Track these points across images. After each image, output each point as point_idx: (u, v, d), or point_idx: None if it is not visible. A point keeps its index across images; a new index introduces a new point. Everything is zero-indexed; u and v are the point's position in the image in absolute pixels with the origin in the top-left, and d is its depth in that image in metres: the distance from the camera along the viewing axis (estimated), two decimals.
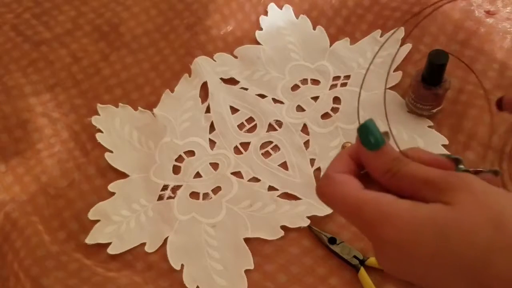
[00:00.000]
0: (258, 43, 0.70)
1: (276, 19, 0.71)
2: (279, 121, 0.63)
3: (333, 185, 0.29)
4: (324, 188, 0.30)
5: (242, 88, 0.66)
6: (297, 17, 0.72)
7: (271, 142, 0.62)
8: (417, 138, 0.59)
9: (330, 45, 0.69)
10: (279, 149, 0.61)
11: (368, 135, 0.29)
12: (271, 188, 0.58)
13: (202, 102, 0.65)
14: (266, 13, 0.72)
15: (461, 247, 0.25)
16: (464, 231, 0.25)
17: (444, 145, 0.58)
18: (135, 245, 0.56)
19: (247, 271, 0.53)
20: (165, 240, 0.56)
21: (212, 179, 0.60)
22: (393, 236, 0.27)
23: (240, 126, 0.63)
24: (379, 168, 0.29)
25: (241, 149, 0.62)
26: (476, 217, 0.25)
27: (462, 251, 0.25)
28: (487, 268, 0.25)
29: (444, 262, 0.26)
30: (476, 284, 0.25)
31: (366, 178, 0.30)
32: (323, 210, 0.56)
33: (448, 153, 0.30)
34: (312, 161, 0.60)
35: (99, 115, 0.65)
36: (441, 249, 0.26)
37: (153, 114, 0.65)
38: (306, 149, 0.61)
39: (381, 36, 0.68)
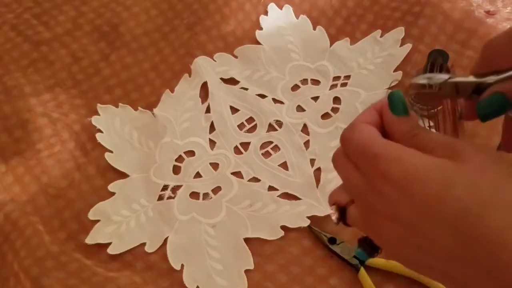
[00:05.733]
0: (258, 43, 0.70)
1: (276, 19, 0.71)
2: (279, 121, 0.63)
3: (357, 133, 0.32)
4: (348, 134, 0.32)
5: (242, 88, 0.66)
6: (297, 17, 0.71)
7: (271, 142, 0.62)
8: None
9: (330, 45, 0.69)
10: (279, 149, 0.61)
11: (399, 103, 0.32)
12: (271, 188, 0.58)
13: (202, 102, 0.65)
14: (266, 13, 0.72)
15: (461, 194, 0.27)
16: (467, 183, 0.27)
17: None
18: (135, 245, 0.56)
19: (247, 271, 0.53)
20: (165, 240, 0.56)
21: (212, 179, 0.60)
22: (397, 173, 0.28)
23: (240, 126, 0.63)
24: (401, 130, 0.32)
25: (241, 149, 0.62)
26: (480, 174, 0.28)
27: (462, 197, 0.27)
28: (481, 219, 0.26)
29: (442, 207, 0.27)
30: (464, 234, 0.27)
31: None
32: (323, 210, 0.56)
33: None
34: (312, 161, 0.60)
35: (99, 115, 0.65)
36: (442, 192, 0.27)
37: (153, 114, 0.65)
38: (306, 149, 0.61)
39: (381, 36, 0.68)
